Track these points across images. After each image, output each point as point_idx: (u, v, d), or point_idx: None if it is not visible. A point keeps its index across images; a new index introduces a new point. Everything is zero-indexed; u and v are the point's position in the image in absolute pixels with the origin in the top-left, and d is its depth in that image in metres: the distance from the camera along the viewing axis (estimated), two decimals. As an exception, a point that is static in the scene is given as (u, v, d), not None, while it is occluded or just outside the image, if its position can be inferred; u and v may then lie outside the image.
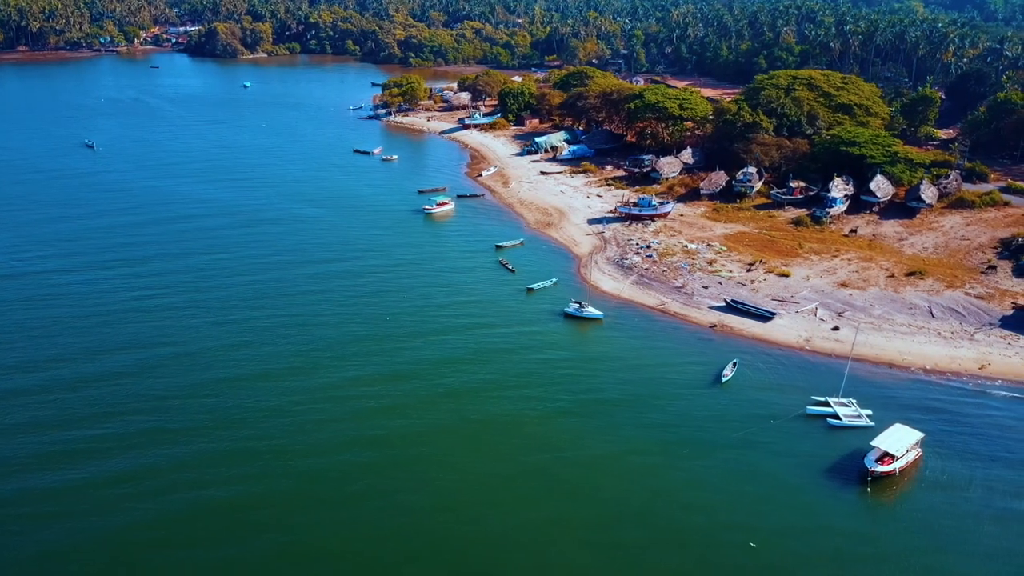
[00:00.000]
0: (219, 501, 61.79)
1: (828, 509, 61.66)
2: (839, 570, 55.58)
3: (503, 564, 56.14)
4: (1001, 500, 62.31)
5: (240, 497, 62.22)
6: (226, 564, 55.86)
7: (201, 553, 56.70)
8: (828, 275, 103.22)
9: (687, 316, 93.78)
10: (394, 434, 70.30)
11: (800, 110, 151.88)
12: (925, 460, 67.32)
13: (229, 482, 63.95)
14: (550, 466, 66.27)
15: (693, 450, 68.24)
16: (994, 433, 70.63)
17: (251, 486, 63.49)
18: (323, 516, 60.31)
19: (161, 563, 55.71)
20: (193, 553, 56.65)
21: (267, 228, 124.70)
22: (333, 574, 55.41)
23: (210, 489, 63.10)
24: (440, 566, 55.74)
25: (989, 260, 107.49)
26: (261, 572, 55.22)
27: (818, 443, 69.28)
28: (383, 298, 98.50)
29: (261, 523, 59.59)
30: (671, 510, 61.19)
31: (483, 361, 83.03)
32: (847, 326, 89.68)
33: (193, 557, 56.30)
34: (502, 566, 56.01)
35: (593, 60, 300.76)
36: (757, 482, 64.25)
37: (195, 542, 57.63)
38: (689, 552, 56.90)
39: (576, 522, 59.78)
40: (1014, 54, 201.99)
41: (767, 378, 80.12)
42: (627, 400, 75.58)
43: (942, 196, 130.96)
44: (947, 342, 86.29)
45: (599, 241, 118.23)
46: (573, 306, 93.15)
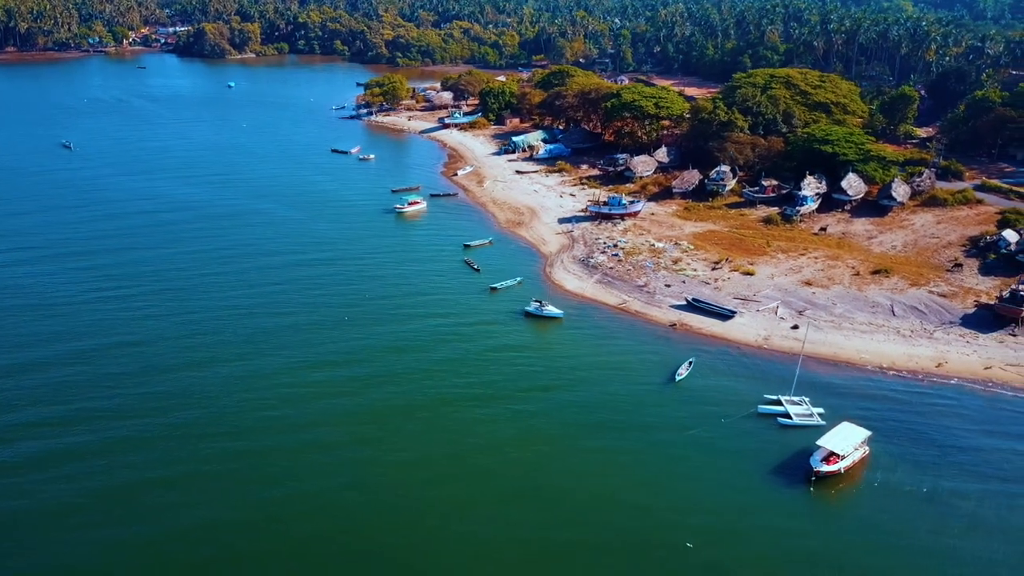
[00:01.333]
0: (136, 482, 63.13)
1: (770, 509, 61.17)
2: (773, 571, 55.10)
3: (431, 562, 55.66)
4: (946, 500, 61.80)
5: (160, 478, 63.62)
6: (140, 541, 57.13)
7: (112, 532, 57.88)
8: (793, 273, 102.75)
9: (647, 315, 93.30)
10: (324, 420, 71.55)
11: (776, 108, 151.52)
12: (873, 459, 66.82)
13: (150, 465, 65.14)
14: (490, 464, 65.94)
15: (638, 449, 67.75)
16: (944, 432, 70.12)
17: (176, 468, 64.77)
18: (241, 494, 61.73)
19: (72, 542, 56.92)
20: (105, 532, 57.79)
21: (231, 225, 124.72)
22: (247, 544, 56.94)
23: (126, 471, 64.30)
24: (364, 557, 55.94)
25: (956, 258, 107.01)
26: (174, 548, 56.52)
27: (766, 442, 68.77)
28: (343, 295, 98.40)
29: (174, 503, 60.80)
30: (610, 509, 60.58)
31: (435, 358, 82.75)
32: (807, 325, 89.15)
33: (104, 536, 57.46)
34: (431, 564, 55.55)
35: (580, 59, 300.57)
36: (701, 481, 63.80)
37: (107, 522, 58.80)
38: (622, 552, 56.28)
39: (512, 521, 59.29)
40: (995, 52, 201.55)
41: (722, 377, 79.64)
42: (578, 399, 75.07)
43: (915, 194, 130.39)
44: (906, 340, 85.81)
45: (568, 240, 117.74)
46: (533, 305, 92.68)
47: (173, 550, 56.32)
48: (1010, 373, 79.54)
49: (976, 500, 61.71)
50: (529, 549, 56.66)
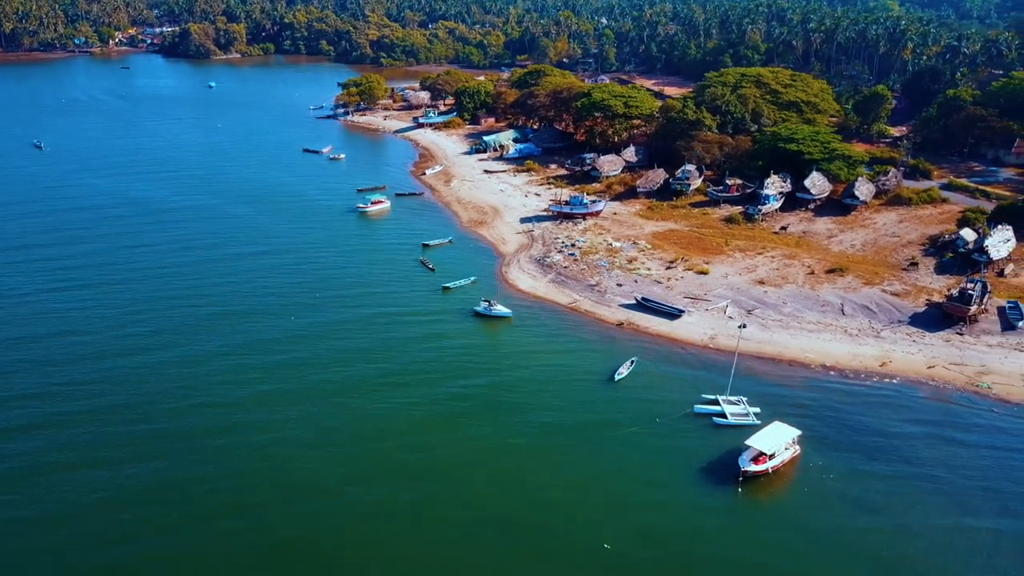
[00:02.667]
0: (39, 464, 64.73)
1: (695, 510, 60.58)
2: (687, 573, 54.54)
3: (347, 557, 55.47)
4: (873, 500, 61.19)
5: (65, 461, 65.11)
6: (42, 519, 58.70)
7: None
8: (748, 273, 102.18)
9: (596, 314, 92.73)
10: (241, 404, 73.04)
11: (745, 108, 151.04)
12: (804, 458, 66.26)
13: (53, 449, 66.56)
14: (415, 459, 65.51)
15: (568, 449, 67.15)
16: (879, 432, 69.49)
17: (78, 452, 66.20)
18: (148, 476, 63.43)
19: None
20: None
21: (187, 223, 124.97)
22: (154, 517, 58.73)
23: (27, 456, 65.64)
24: (273, 551, 55.90)
25: (913, 257, 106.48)
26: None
27: (698, 442, 68.16)
28: (289, 292, 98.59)
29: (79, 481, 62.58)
30: (531, 507, 60.00)
31: (378, 355, 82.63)
32: (755, 324, 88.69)
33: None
34: (346, 559, 55.34)
35: (564, 59, 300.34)
36: (627, 481, 63.20)
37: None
38: (537, 551, 55.72)
39: (434, 520, 58.62)
40: (971, 51, 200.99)
41: (663, 376, 79.05)
42: (514, 399, 74.47)
43: (881, 193, 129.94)
44: (852, 339, 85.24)
45: (527, 240, 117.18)
46: (483, 305, 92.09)
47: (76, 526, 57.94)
48: (953, 372, 78.98)
49: (905, 502, 61.05)
50: (444, 546, 56.07)
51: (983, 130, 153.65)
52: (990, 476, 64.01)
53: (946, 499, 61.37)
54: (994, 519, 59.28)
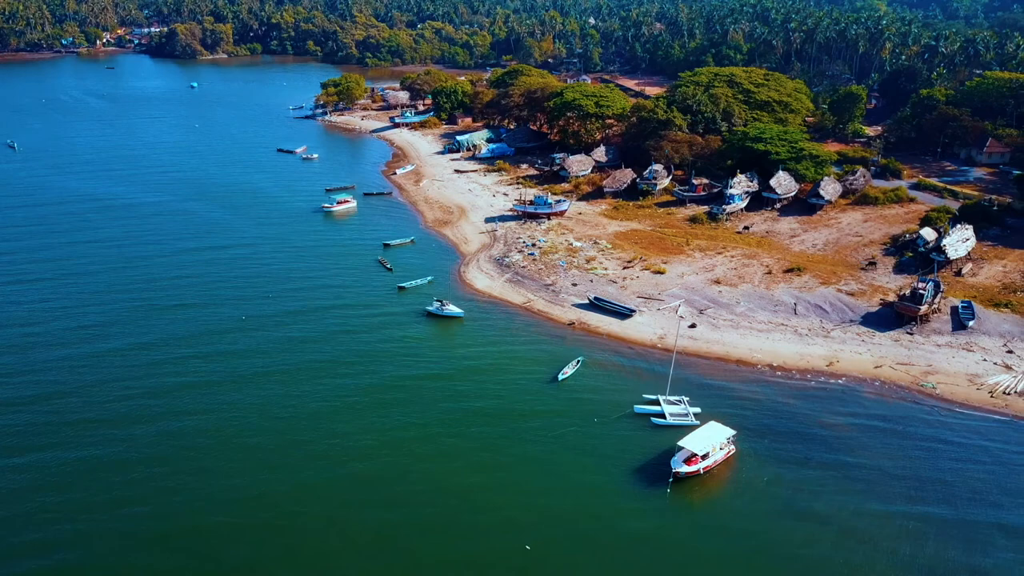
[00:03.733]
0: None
1: (623, 512, 59.98)
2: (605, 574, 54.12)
3: (269, 542, 55.97)
4: (805, 501, 60.72)
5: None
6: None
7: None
8: (705, 272, 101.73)
9: (549, 314, 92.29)
10: (172, 393, 74.27)
11: (716, 107, 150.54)
12: (740, 459, 65.81)
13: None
14: (348, 456, 65.37)
15: (500, 447, 66.71)
16: (817, 433, 69.10)
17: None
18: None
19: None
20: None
21: (151, 222, 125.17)
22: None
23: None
24: (201, 537, 56.30)
25: (873, 256, 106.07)
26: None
27: (634, 443, 67.68)
28: (246, 288, 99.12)
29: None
30: (459, 507, 59.59)
31: (321, 349, 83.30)
32: (706, 323, 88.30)
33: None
34: (268, 543, 55.81)
35: (549, 59, 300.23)
36: (556, 483, 62.69)
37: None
38: (457, 553, 55.24)
39: (352, 521, 58.12)
40: (950, 51, 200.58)
41: (607, 376, 78.64)
42: (453, 396, 74.15)
43: (848, 193, 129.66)
44: (801, 339, 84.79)
45: (490, 239, 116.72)
46: (435, 305, 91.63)
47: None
48: (899, 372, 78.56)
49: (835, 502, 60.60)
50: (366, 546, 55.59)
51: (955, 129, 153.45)
52: (924, 475, 63.65)
53: (877, 499, 60.92)
54: (922, 519, 58.77)
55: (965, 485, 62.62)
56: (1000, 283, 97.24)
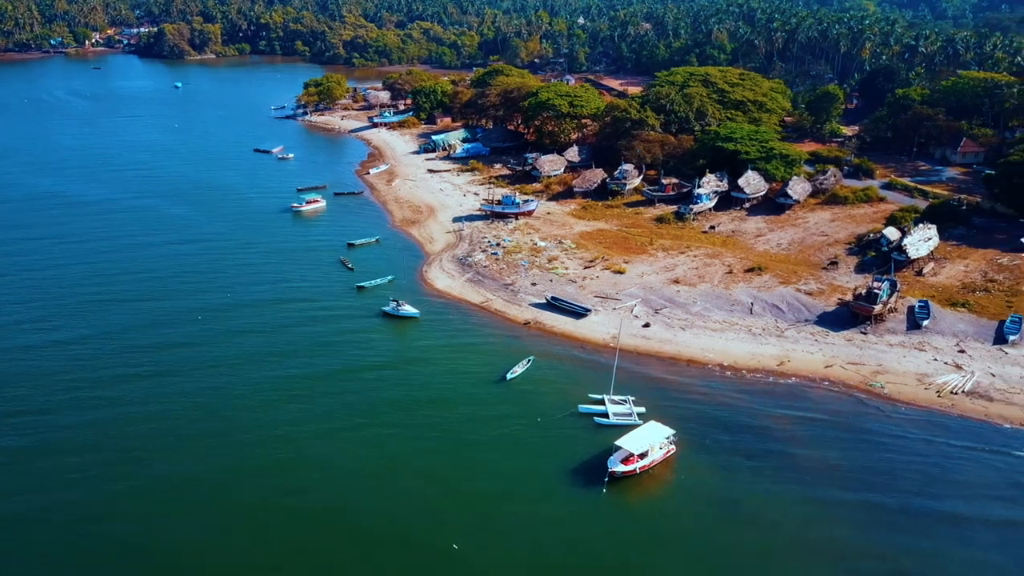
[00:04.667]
0: None
1: (556, 511, 59.53)
2: (532, 574, 53.81)
3: (184, 535, 56.33)
4: (739, 500, 60.43)
5: None
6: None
7: None
8: (665, 272, 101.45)
9: (506, 313, 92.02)
10: (118, 395, 73.74)
11: (689, 107, 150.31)
12: (680, 458, 65.50)
13: None
14: (273, 451, 65.49)
15: (439, 446, 66.41)
16: (760, 432, 68.79)
17: None
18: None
19: None
20: None
21: (116, 221, 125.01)
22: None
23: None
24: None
25: (836, 256, 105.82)
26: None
27: (575, 442, 67.32)
28: (205, 284, 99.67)
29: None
30: (385, 506, 59.21)
31: (271, 345, 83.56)
32: (660, 323, 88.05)
33: None
34: (184, 536, 56.13)
35: (536, 59, 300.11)
36: (491, 481, 62.45)
37: None
38: (384, 549, 54.97)
39: (273, 521, 57.75)
40: (930, 51, 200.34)
41: (557, 375, 78.35)
42: (398, 394, 74.01)
43: (819, 192, 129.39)
44: (755, 339, 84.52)
45: (455, 239, 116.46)
46: (391, 305, 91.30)
47: None
48: (849, 371, 78.30)
49: (771, 502, 60.31)
50: (290, 543, 55.28)
51: (930, 129, 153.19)
52: (862, 472, 63.47)
53: (812, 497, 60.68)
54: (855, 520, 58.51)
55: (907, 479, 62.68)
56: (960, 283, 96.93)
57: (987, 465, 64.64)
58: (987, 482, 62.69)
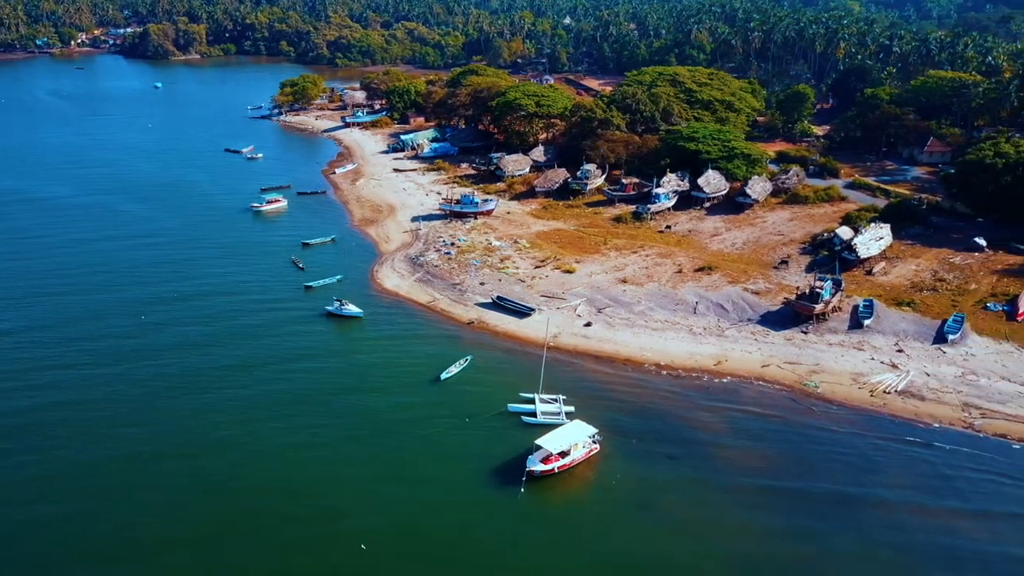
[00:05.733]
0: None
1: (471, 511, 59.13)
2: (438, 574, 53.57)
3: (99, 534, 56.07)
4: (658, 499, 60.20)
5: None
6: None
7: None
8: (615, 272, 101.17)
9: (450, 313, 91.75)
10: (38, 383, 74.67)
11: (656, 106, 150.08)
12: (604, 457, 65.20)
13: None
14: (196, 451, 65.25)
15: (360, 445, 66.19)
16: (687, 432, 68.38)
17: None
18: None
19: None
20: None
21: (71, 217, 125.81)
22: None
23: None
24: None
25: (788, 255, 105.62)
26: None
27: (501, 441, 66.88)
28: (151, 280, 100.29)
29: None
30: (298, 504, 58.89)
31: (205, 340, 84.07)
32: (602, 322, 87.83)
33: None
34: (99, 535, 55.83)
35: (518, 60, 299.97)
36: (409, 481, 61.95)
37: None
38: (292, 549, 54.55)
39: (181, 522, 57.50)
40: (904, 51, 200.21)
41: (492, 374, 78.05)
42: (327, 393, 73.69)
43: (781, 192, 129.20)
44: (694, 338, 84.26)
45: (411, 238, 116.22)
46: (334, 304, 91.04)
47: None
48: (785, 371, 78.03)
49: (690, 501, 60.08)
50: (199, 544, 55.13)
51: (897, 129, 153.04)
52: (782, 471, 63.19)
53: (728, 495, 60.41)
54: (770, 522, 58.27)
55: (829, 473, 62.84)
56: (909, 282, 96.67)
57: (910, 458, 64.65)
58: (909, 473, 62.84)
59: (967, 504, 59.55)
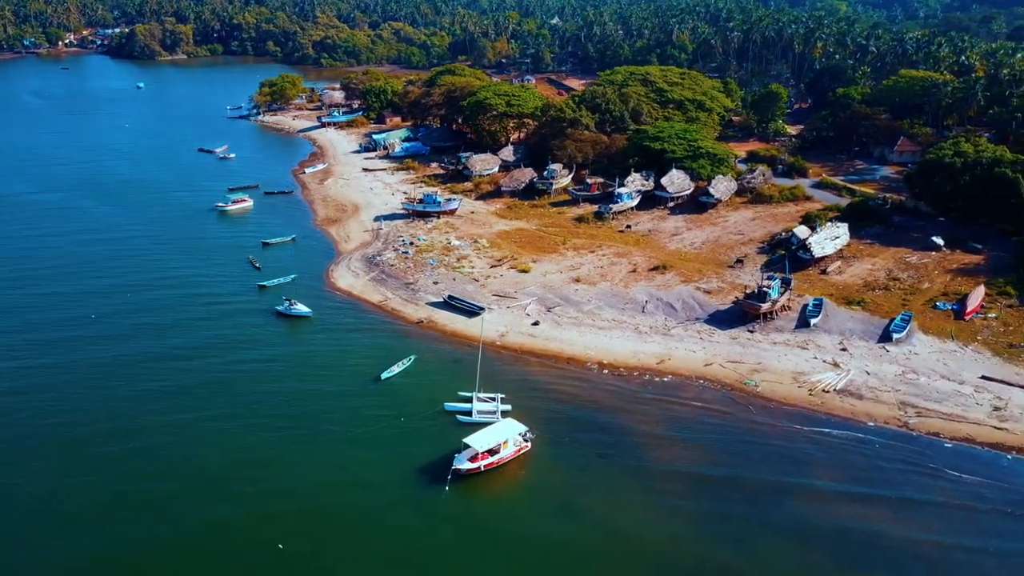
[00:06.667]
0: None
1: (394, 512, 58.73)
2: (354, 573, 53.50)
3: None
4: (585, 498, 59.91)
5: None
6: None
7: None
8: (570, 271, 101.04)
9: (401, 312, 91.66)
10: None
11: (625, 106, 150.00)
12: (534, 455, 65.12)
13: None
14: (116, 440, 65.92)
15: (291, 443, 65.90)
16: (622, 431, 68.26)
17: None
18: None
19: None
20: None
21: (29, 215, 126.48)
22: None
23: None
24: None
25: (745, 254, 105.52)
26: None
27: (433, 440, 66.63)
28: (103, 280, 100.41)
29: None
30: (223, 504, 58.85)
31: (150, 336, 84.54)
32: (550, 321, 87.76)
33: None
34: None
35: (503, 59, 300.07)
36: (335, 482, 61.83)
37: None
38: (206, 551, 54.57)
39: (95, 508, 57.80)
40: (881, 50, 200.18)
41: (435, 374, 77.98)
42: (263, 394, 73.44)
43: (746, 191, 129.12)
44: (640, 337, 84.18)
45: (371, 238, 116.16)
46: (284, 304, 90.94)
47: None
48: (726, 370, 77.94)
49: (615, 499, 59.90)
50: (101, 537, 55.20)
51: (868, 128, 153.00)
52: (713, 466, 63.20)
53: (654, 491, 60.36)
54: (702, 508, 58.43)
55: (756, 467, 63.15)
56: (863, 281, 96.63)
57: (840, 454, 64.87)
58: (837, 468, 63.23)
59: (885, 491, 60.60)
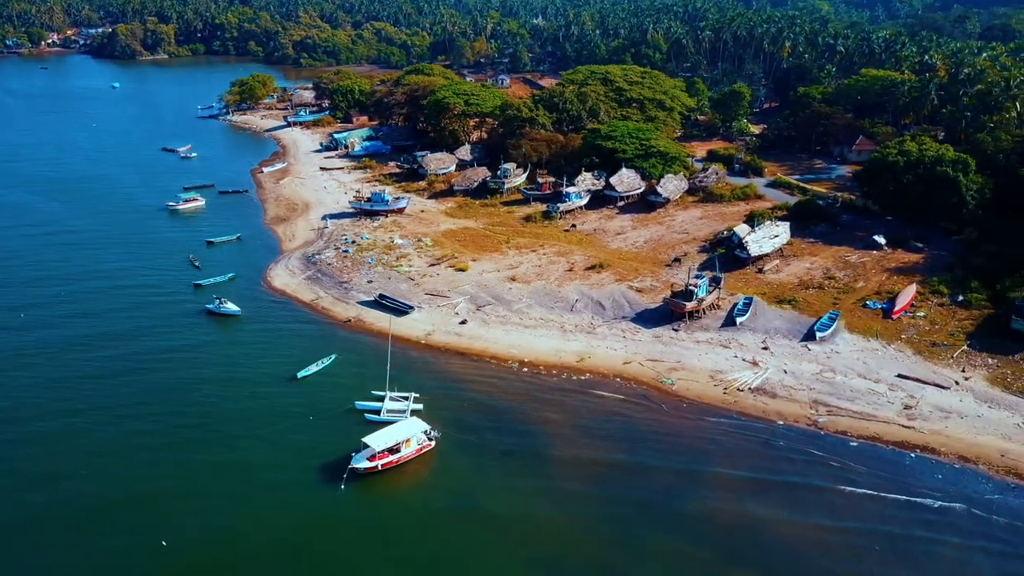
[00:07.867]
0: None
1: (286, 510, 58.51)
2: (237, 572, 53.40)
3: None
4: (485, 497, 59.76)
5: None
6: None
7: None
8: (508, 270, 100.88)
9: (331, 311, 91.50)
10: None
11: (582, 105, 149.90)
12: (438, 454, 64.96)
13: None
14: (29, 450, 65.24)
15: (194, 442, 65.73)
16: (531, 427, 68.15)
17: None
18: None
19: None
20: None
21: None
22: None
23: None
24: None
25: (684, 253, 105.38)
26: None
27: (338, 439, 66.25)
28: (39, 274, 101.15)
29: None
30: (102, 501, 58.81)
31: (73, 333, 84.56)
32: (478, 320, 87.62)
33: None
34: None
35: (481, 59, 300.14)
36: (235, 481, 61.55)
37: None
38: (93, 547, 54.39)
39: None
40: (849, 50, 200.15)
41: (352, 373, 77.68)
42: (176, 391, 73.45)
43: (698, 190, 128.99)
44: (564, 335, 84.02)
45: (315, 236, 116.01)
46: (214, 302, 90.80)
47: None
48: (645, 368, 77.78)
49: (512, 496, 59.78)
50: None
51: (827, 127, 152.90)
52: (620, 461, 63.26)
53: (554, 489, 60.19)
54: (610, 505, 58.57)
55: (651, 457, 63.18)
56: (799, 280, 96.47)
57: (745, 450, 64.83)
58: (739, 460, 63.35)
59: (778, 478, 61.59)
